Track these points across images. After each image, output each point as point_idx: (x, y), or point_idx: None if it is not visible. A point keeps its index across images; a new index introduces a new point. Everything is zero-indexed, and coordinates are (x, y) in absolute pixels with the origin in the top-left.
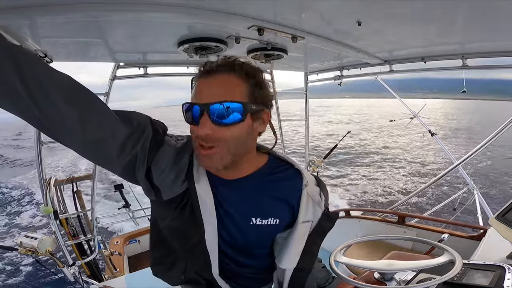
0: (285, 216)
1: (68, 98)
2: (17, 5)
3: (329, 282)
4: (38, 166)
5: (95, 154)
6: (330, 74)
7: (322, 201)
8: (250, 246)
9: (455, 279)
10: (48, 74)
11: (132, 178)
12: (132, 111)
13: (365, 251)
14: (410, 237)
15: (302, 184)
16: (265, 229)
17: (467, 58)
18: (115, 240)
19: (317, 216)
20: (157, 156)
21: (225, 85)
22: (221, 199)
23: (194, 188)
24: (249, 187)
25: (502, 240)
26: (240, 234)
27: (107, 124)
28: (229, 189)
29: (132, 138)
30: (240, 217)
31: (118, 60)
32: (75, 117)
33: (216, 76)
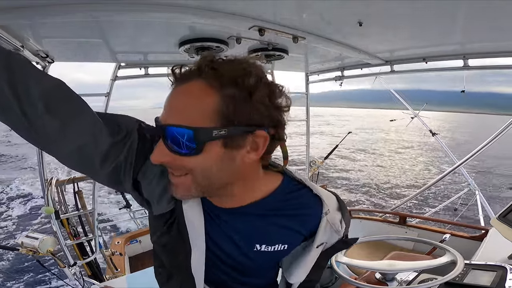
0: (295, 241)
1: (49, 106)
2: (18, 5)
3: (332, 282)
4: (40, 166)
5: (78, 163)
6: (331, 74)
7: (342, 230)
8: (254, 269)
9: (456, 279)
10: (36, 77)
11: (119, 188)
12: (122, 116)
13: (366, 252)
14: (411, 238)
15: (322, 212)
16: (271, 254)
17: (469, 58)
18: (116, 240)
19: (333, 240)
20: (144, 168)
21: (186, 98)
22: (219, 221)
23: (181, 210)
24: (255, 215)
25: (503, 240)
26: (241, 259)
27: (89, 134)
28: (229, 216)
29: (115, 149)
30: (243, 243)
31: (119, 60)
32: (54, 127)
33: (182, 85)
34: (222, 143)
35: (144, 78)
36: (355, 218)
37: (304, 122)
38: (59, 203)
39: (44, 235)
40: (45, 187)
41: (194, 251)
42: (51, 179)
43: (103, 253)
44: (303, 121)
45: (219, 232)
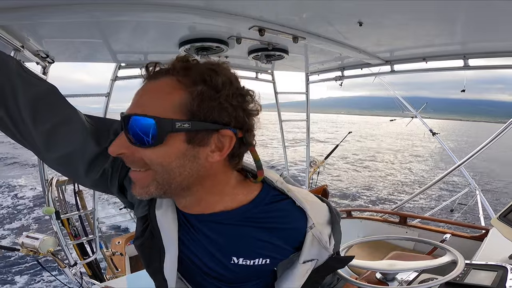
0: (279, 255)
1: (35, 115)
2: (18, 6)
3: (334, 284)
4: (40, 166)
5: (63, 171)
6: (331, 74)
7: (330, 246)
8: (233, 279)
9: (457, 279)
10: (24, 86)
11: (106, 191)
12: (115, 121)
13: (366, 252)
14: (412, 238)
15: (307, 226)
16: (252, 268)
17: (469, 58)
18: (116, 240)
19: (324, 257)
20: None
21: (152, 92)
22: (194, 230)
23: (155, 216)
24: (228, 225)
25: (504, 240)
26: (222, 269)
27: (75, 142)
28: (200, 224)
29: (102, 156)
30: (219, 254)
31: (120, 60)
32: (40, 135)
33: (154, 80)
34: (185, 137)
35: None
36: (356, 218)
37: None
38: (60, 203)
39: (45, 235)
40: (45, 187)
41: (167, 256)
42: (52, 179)
43: (104, 253)
44: (303, 121)
45: (194, 240)
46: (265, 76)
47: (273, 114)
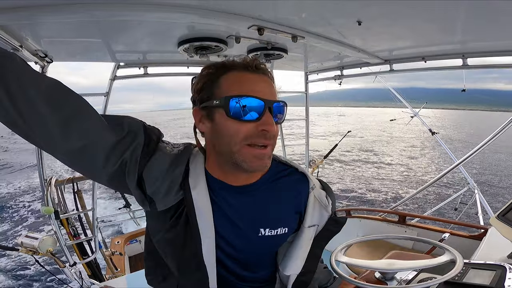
0: (293, 223)
1: (51, 103)
2: (17, 5)
3: (331, 282)
4: (39, 166)
5: (80, 163)
6: (330, 73)
7: (329, 205)
8: (255, 258)
9: (456, 278)
10: (32, 78)
11: (121, 187)
12: (125, 116)
13: (365, 251)
14: (410, 237)
15: (309, 188)
16: (274, 240)
17: (468, 57)
18: (115, 240)
19: (323, 221)
20: (150, 164)
21: (271, 86)
22: (225, 207)
23: (191, 197)
24: (256, 195)
25: (503, 239)
26: (246, 246)
27: (93, 131)
28: (237, 196)
29: (121, 145)
30: (248, 228)
31: (118, 60)
32: (58, 124)
33: (261, 75)
34: None
35: (142, 82)
36: (355, 217)
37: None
38: (59, 203)
39: (44, 235)
40: (44, 187)
41: (204, 239)
42: (51, 179)
43: (103, 253)
44: (302, 120)
45: (224, 219)
46: None
47: None
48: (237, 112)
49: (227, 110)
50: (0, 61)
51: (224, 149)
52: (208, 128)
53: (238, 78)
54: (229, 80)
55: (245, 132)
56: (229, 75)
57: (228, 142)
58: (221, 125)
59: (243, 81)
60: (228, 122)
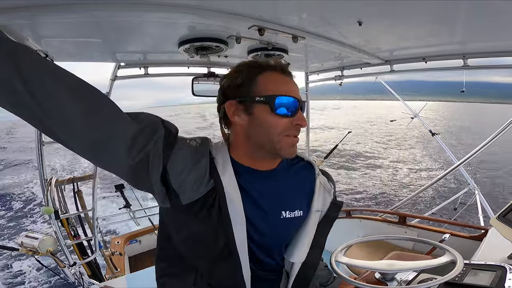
0: (306, 207)
1: (72, 93)
2: (17, 5)
3: (331, 281)
4: (39, 166)
5: (101, 155)
6: (331, 74)
7: (332, 188)
8: (277, 242)
9: (456, 279)
10: (51, 71)
11: (142, 182)
12: (143, 112)
13: (366, 251)
14: (411, 237)
15: (315, 174)
16: (292, 222)
17: (468, 58)
18: (115, 240)
19: (326, 205)
20: (173, 156)
21: (298, 87)
22: (252, 191)
23: (221, 185)
24: (279, 179)
25: (503, 240)
26: (269, 229)
27: (115, 121)
28: (262, 180)
29: (143, 136)
30: (271, 210)
31: (119, 60)
32: (81, 114)
33: (291, 78)
34: None
35: (142, 79)
36: (355, 218)
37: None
38: (59, 203)
39: (44, 235)
40: (44, 187)
41: (235, 226)
42: (51, 179)
43: (103, 253)
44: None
45: (251, 204)
46: None
47: None
48: (279, 109)
49: (272, 106)
50: (13, 49)
51: (263, 139)
52: (244, 120)
53: (276, 79)
54: (268, 79)
55: (283, 126)
56: (267, 75)
57: (269, 133)
58: (262, 118)
59: (279, 82)
60: (270, 116)
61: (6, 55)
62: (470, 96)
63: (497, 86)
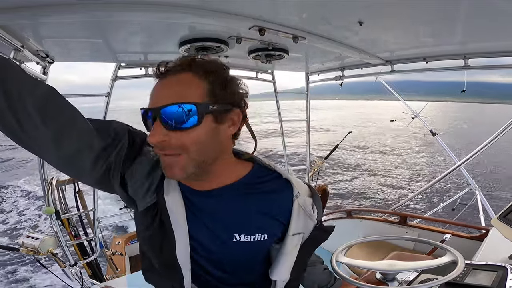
0: (274, 230)
1: (43, 115)
2: (18, 5)
3: (331, 284)
4: (40, 167)
5: (70, 168)
6: (331, 74)
7: (314, 214)
8: (233, 262)
9: (457, 279)
10: (30, 86)
11: (107, 189)
12: (113, 121)
13: (366, 252)
14: (412, 238)
15: (293, 195)
16: (251, 246)
17: (469, 58)
18: (116, 240)
19: (309, 229)
20: (132, 167)
21: (178, 85)
22: (197, 210)
23: (163, 200)
24: (231, 198)
25: (504, 240)
26: (221, 249)
27: (83, 139)
28: (206, 199)
29: (106, 151)
30: (222, 232)
31: (120, 60)
32: (50, 134)
33: (170, 77)
34: (213, 118)
35: (141, 79)
36: (356, 218)
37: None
38: (60, 203)
39: (45, 235)
40: (45, 187)
41: (177, 240)
42: (52, 179)
43: (104, 253)
44: (303, 121)
45: (198, 223)
46: (265, 75)
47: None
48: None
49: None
50: (2, 66)
51: None
52: None
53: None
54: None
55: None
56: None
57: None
58: None
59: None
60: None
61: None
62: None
63: (496, 86)
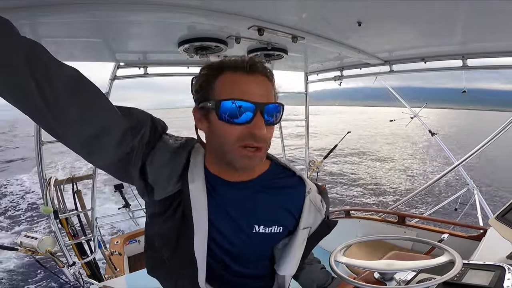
0: (288, 223)
1: (71, 90)
2: (17, 5)
3: (329, 283)
4: (38, 166)
5: (93, 148)
6: (330, 74)
7: (323, 209)
8: (249, 254)
9: (455, 279)
10: (56, 66)
11: (123, 174)
12: (134, 107)
13: (365, 251)
14: (410, 237)
15: (305, 191)
16: (268, 237)
17: (467, 58)
18: (115, 240)
19: (316, 223)
20: (153, 153)
21: (267, 86)
22: (223, 201)
23: (188, 190)
24: (254, 191)
25: (502, 240)
26: (240, 241)
27: (108, 117)
28: (234, 192)
29: (132, 132)
30: (243, 223)
31: (119, 60)
32: (77, 111)
33: (257, 76)
34: None
35: (140, 81)
36: (354, 217)
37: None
38: (58, 202)
39: (43, 234)
40: (44, 186)
41: (197, 232)
42: (50, 178)
43: (103, 252)
44: (302, 121)
45: (221, 213)
46: None
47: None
48: (228, 116)
49: (218, 113)
50: (29, 47)
51: (218, 148)
52: (205, 127)
53: (230, 80)
54: (223, 81)
55: (236, 135)
56: (224, 76)
57: (222, 143)
58: (215, 126)
59: (235, 83)
60: (221, 124)
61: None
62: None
63: (497, 93)
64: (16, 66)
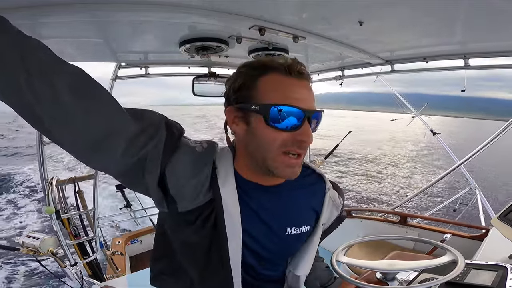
0: (313, 222)
1: (73, 89)
2: (18, 5)
3: (331, 282)
4: (40, 166)
5: (99, 154)
6: (331, 74)
7: (340, 204)
8: (279, 256)
9: (457, 279)
10: (55, 63)
11: (134, 183)
12: (146, 109)
13: (366, 251)
14: (412, 237)
15: (326, 188)
16: (298, 238)
17: (469, 58)
18: (116, 240)
19: (331, 219)
20: (173, 160)
21: (311, 92)
22: (256, 207)
23: (220, 198)
24: (285, 194)
25: (504, 240)
26: (273, 244)
27: (116, 120)
28: (267, 195)
29: (142, 136)
30: (277, 227)
31: (120, 60)
32: (82, 112)
33: (303, 80)
34: None
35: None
36: (356, 218)
37: None
38: (60, 203)
39: (45, 234)
40: (45, 186)
41: (230, 241)
42: (52, 178)
43: (104, 252)
44: None
45: (254, 218)
46: None
47: None
48: (276, 121)
49: (266, 118)
50: (26, 43)
51: (258, 154)
52: (242, 130)
53: (278, 83)
54: (269, 83)
55: (281, 141)
56: (269, 78)
57: (264, 149)
58: (258, 130)
59: (284, 87)
60: (265, 129)
61: (12, 46)
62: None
63: (503, 102)
64: (9, 61)
